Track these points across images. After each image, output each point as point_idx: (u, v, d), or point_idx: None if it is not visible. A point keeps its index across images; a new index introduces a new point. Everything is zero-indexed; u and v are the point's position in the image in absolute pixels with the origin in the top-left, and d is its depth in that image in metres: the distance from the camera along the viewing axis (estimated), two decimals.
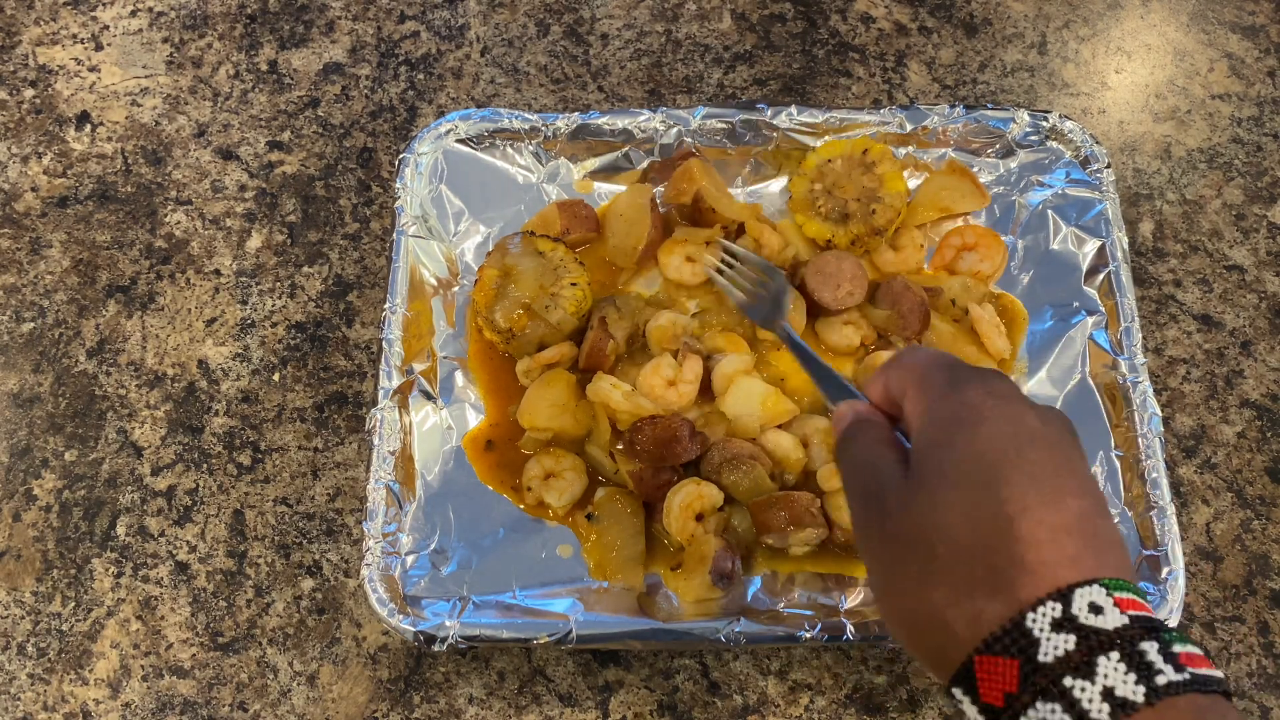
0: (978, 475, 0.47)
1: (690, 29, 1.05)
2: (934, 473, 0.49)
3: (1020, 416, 0.49)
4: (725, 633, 0.73)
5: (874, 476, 0.52)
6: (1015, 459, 0.47)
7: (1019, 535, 0.45)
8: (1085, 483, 0.48)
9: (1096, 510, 0.47)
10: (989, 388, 0.51)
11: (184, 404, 0.88)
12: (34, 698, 0.78)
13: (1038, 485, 0.46)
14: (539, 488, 0.80)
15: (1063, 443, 0.49)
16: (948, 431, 0.50)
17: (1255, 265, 0.93)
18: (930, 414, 0.52)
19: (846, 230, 0.87)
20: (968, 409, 0.50)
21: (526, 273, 0.83)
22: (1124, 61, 1.03)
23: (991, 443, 0.48)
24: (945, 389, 0.52)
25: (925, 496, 0.48)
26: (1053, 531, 0.45)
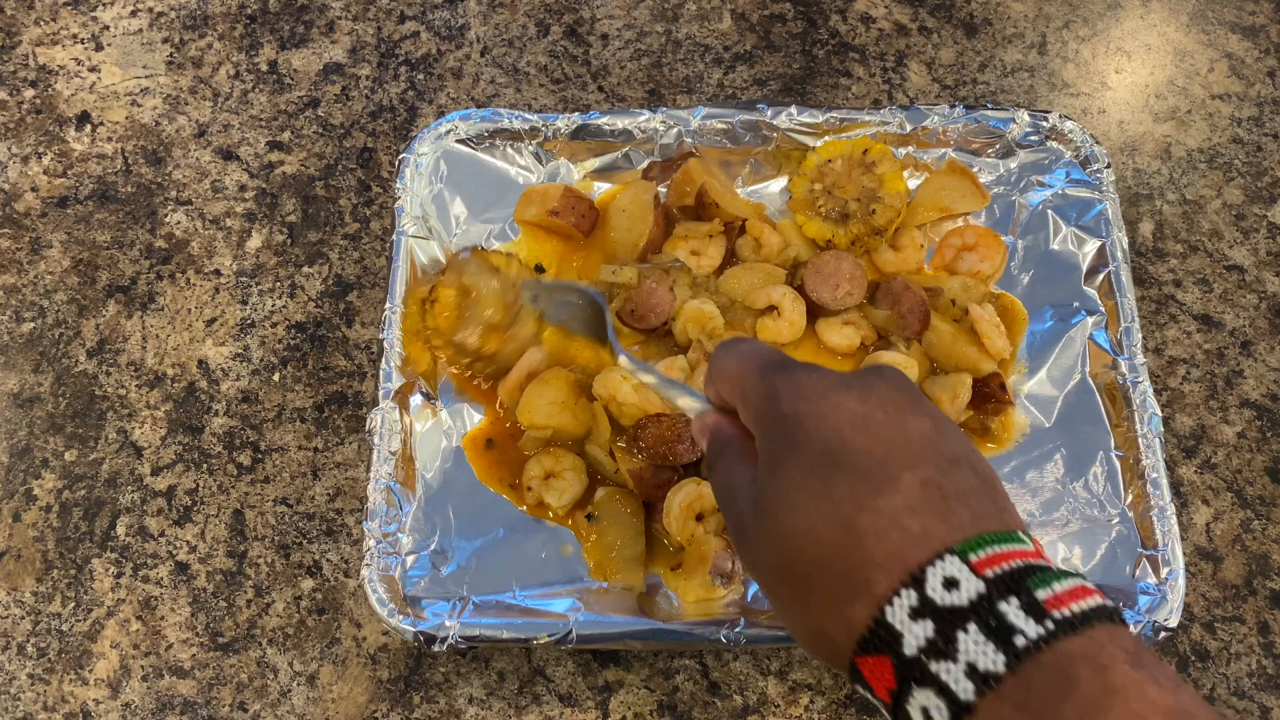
0: (808, 488, 0.46)
1: (690, 29, 1.05)
2: (773, 498, 0.48)
3: (836, 407, 0.48)
4: (725, 633, 0.73)
5: (734, 503, 0.52)
6: (840, 456, 0.46)
7: (861, 533, 0.44)
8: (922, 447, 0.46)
9: (942, 470, 0.45)
10: (799, 388, 0.50)
11: (184, 404, 0.88)
12: (34, 698, 0.78)
13: (866, 476, 0.45)
14: (539, 488, 0.80)
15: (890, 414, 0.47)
16: (775, 452, 0.49)
17: (1255, 265, 0.93)
18: (759, 432, 0.51)
19: (846, 230, 0.87)
20: (786, 422, 0.49)
21: (487, 292, 0.82)
22: (1124, 61, 1.03)
23: (813, 449, 0.47)
24: (763, 403, 0.51)
25: (772, 525, 0.48)
26: (892, 517, 0.44)
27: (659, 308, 0.85)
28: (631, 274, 0.85)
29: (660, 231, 0.89)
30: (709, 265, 0.88)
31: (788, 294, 0.85)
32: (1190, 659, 0.79)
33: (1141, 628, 0.73)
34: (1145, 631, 0.73)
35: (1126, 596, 0.75)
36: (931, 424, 0.48)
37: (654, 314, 0.86)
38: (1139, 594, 0.75)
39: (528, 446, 0.82)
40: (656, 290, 0.85)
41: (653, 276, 0.86)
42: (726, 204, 0.89)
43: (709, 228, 0.88)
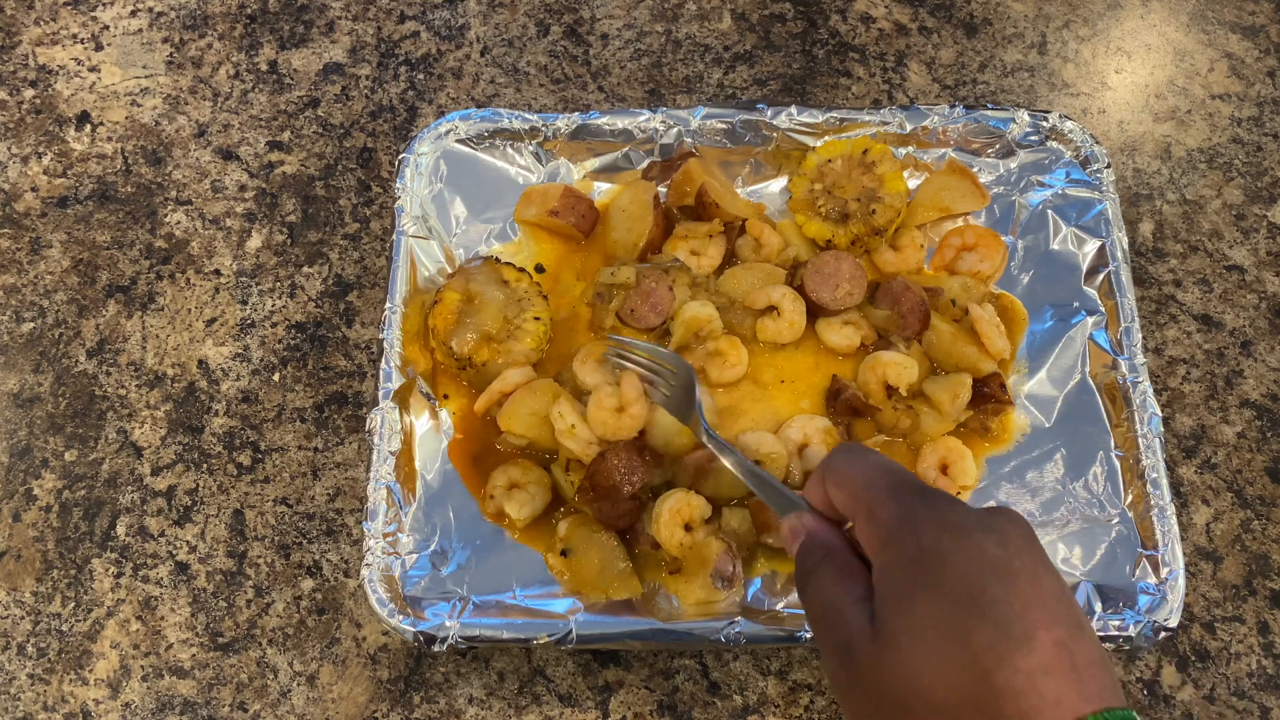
0: (945, 630, 0.46)
1: (690, 29, 1.05)
2: (902, 630, 0.47)
3: (979, 549, 0.47)
4: (725, 633, 0.73)
5: (840, 624, 0.50)
6: (982, 602, 0.46)
7: (997, 689, 0.44)
8: (1055, 607, 0.46)
9: (1070, 635, 0.45)
10: (943, 521, 0.49)
11: (184, 404, 0.88)
12: (34, 698, 0.78)
13: (1006, 629, 0.45)
14: (501, 497, 0.79)
15: (1026, 566, 0.47)
16: (910, 583, 0.48)
17: (1255, 265, 0.93)
18: (888, 555, 0.50)
19: (847, 230, 0.87)
20: (926, 554, 0.48)
21: (490, 302, 0.83)
22: (1124, 61, 1.03)
23: (955, 591, 0.46)
24: (898, 526, 0.50)
25: (895, 656, 0.47)
26: (1029, 677, 0.44)
27: (659, 307, 0.85)
28: (630, 274, 0.85)
29: (660, 231, 0.89)
30: (709, 265, 0.88)
31: (787, 294, 0.85)
32: (1190, 659, 0.79)
33: (1141, 628, 0.73)
34: (1145, 631, 0.73)
35: (1126, 596, 0.75)
36: (1057, 583, 0.48)
37: (654, 313, 0.86)
38: (1139, 594, 0.75)
39: (502, 445, 0.82)
40: (656, 290, 0.85)
41: (652, 276, 0.86)
42: (726, 204, 0.89)
43: (709, 228, 0.88)
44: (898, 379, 0.82)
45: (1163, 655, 0.79)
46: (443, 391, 0.84)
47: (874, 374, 0.82)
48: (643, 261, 0.88)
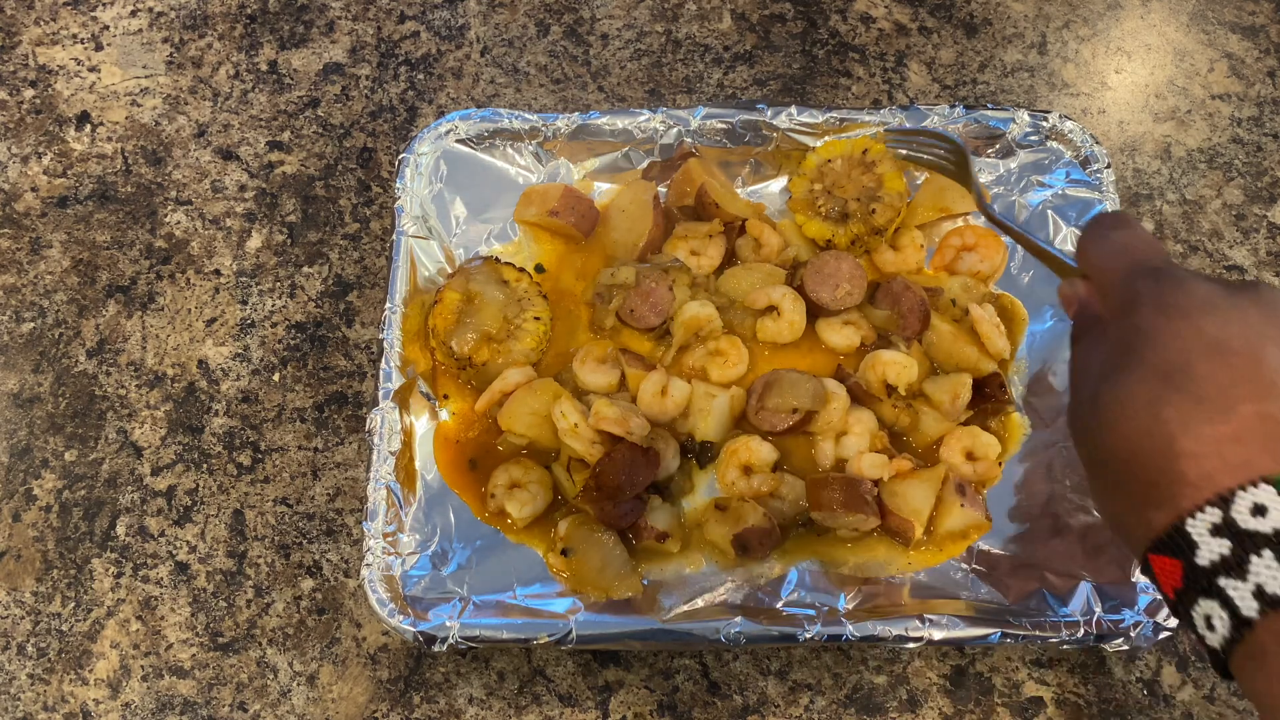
0: (1138, 401, 0.49)
1: (690, 29, 1.05)
2: (1106, 399, 0.51)
3: (1194, 330, 0.50)
4: (725, 633, 0.73)
5: (1082, 385, 0.55)
6: (1180, 380, 0.48)
7: (1179, 451, 0.47)
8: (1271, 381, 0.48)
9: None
10: (1160, 302, 0.52)
11: (184, 404, 0.88)
12: (34, 698, 0.78)
13: (1204, 400, 0.48)
14: (502, 495, 0.79)
15: (1248, 344, 0.49)
16: (1122, 358, 0.52)
17: (1255, 265, 0.93)
18: (1112, 331, 0.54)
19: (846, 230, 0.87)
20: (1138, 334, 0.51)
21: (490, 302, 0.83)
22: (1124, 61, 1.03)
23: (1156, 367, 0.50)
24: (1121, 305, 0.54)
25: (1099, 420, 0.51)
26: (1217, 443, 0.47)
27: (658, 307, 0.85)
28: (629, 274, 0.85)
29: (660, 231, 0.89)
30: (709, 265, 0.88)
31: (788, 294, 0.85)
32: (1190, 659, 0.79)
33: (1141, 628, 0.73)
34: (1145, 631, 0.73)
35: (1126, 596, 0.75)
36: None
37: (654, 313, 0.86)
38: (1139, 594, 0.75)
39: (504, 445, 0.82)
40: (656, 290, 0.85)
41: (651, 276, 0.86)
42: (726, 204, 0.89)
43: (709, 228, 0.88)
44: (897, 378, 0.82)
45: (1163, 655, 0.79)
46: (443, 391, 0.84)
47: (874, 372, 0.82)
48: (643, 261, 0.88)
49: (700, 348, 0.84)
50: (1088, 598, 0.75)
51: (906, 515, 0.78)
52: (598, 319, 0.86)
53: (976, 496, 0.80)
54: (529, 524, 0.79)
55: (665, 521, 0.78)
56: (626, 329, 0.87)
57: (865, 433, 0.82)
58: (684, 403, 0.82)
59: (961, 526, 0.79)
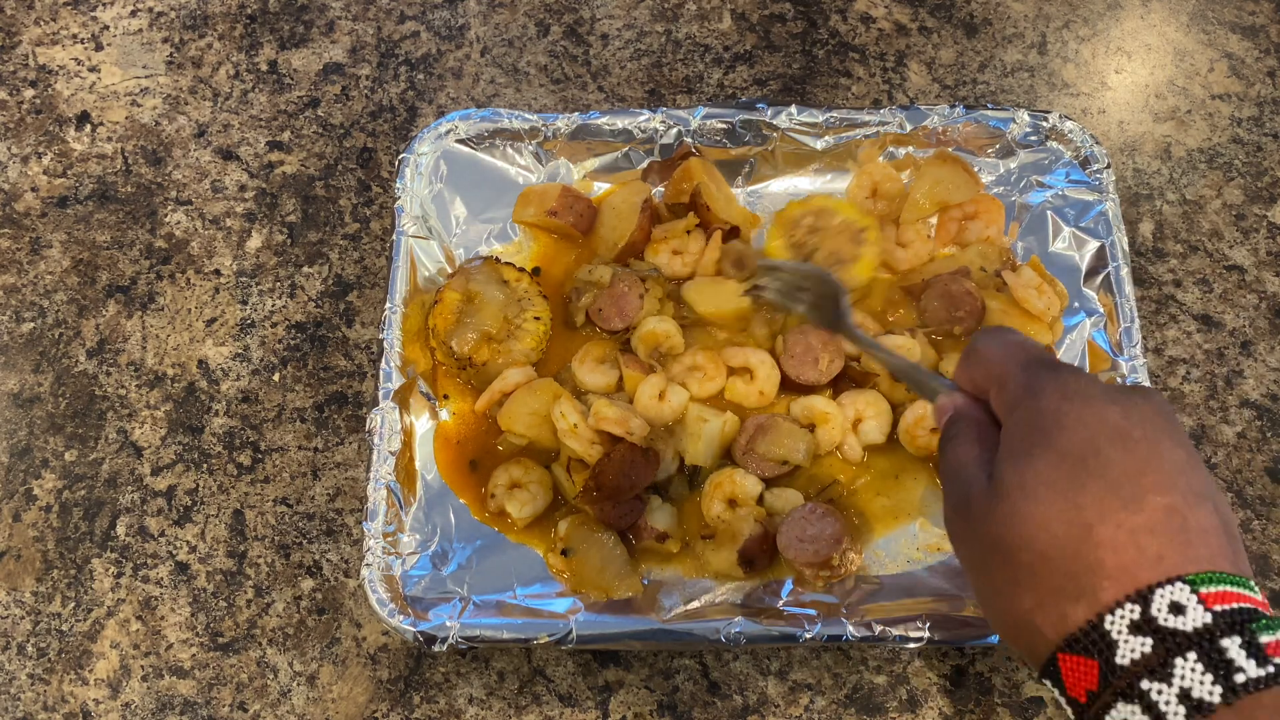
0: (1056, 486, 0.48)
1: (690, 29, 1.05)
2: (1014, 485, 0.49)
3: (1100, 416, 0.49)
4: (725, 633, 0.73)
5: (963, 481, 0.53)
6: (1094, 464, 0.47)
7: (1098, 540, 0.46)
8: (1174, 475, 0.47)
9: (1188, 502, 0.47)
10: (1065, 389, 0.51)
11: (184, 404, 0.88)
12: (34, 698, 0.78)
13: (1117, 488, 0.47)
14: (502, 495, 0.79)
15: (1148, 436, 0.49)
16: (1026, 442, 0.50)
17: (1255, 265, 0.93)
18: (1012, 421, 0.53)
19: None
20: (1044, 416, 0.50)
21: (490, 302, 0.83)
22: (1124, 61, 1.03)
23: (1068, 451, 0.48)
24: (1022, 393, 0.53)
25: (1006, 507, 0.49)
26: (1133, 533, 0.46)
27: (625, 312, 0.85)
28: (605, 273, 0.85)
29: (642, 235, 0.88)
30: (691, 263, 0.87)
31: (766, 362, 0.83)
32: None
33: None
34: None
35: None
36: (1186, 456, 0.49)
37: (618, 317, 0.85)
38: None
39: (504, 445, 0.82)
40: (627, 295, 0.85)
41: (625, 280, 0.85)
42: (719, 208, 0.88)
43: (685, 223, 0.87)
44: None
45: None
46: (443, 391, 0.84)
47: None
48: (622, 263, 0.88)
49: (676, 364, 0.84)
50: None
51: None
52: (569, 315, 0.86)
53: None
54: (529, 524, 0.79)
55: (665, 522, 0.78)
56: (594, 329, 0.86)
57: (884, 411, 0.82)
58: (681, 409, 0.81)
59: None
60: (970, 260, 0.86)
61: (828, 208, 0.87)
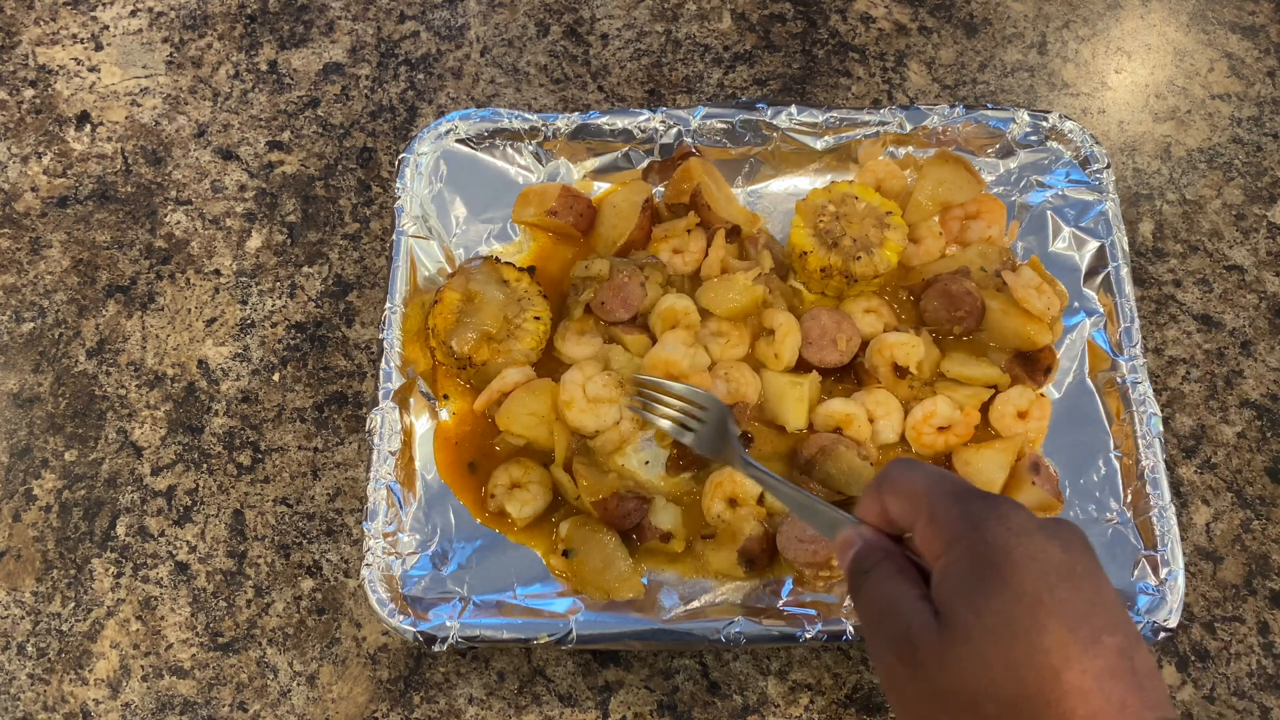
0: (1017, 626, 0.46)
1: (690, 29, 1.05)
2: (973, 625, 0.47)
3: (1044, 551, 0.48)
4: (725, 633, 0.73)
5: (899, 618, 0.50)
6: (1049, 602, 0.46)
7: (1067, 689, 0.45)
8: (1115, 612, 0.47)
9: (1130, 642, 0.46)
10: (1007, 524, 0.49)
11: (184, 404, 0.88)
12: (34, 698, 0.78)
13: (1074, 629, 0.46)
14: (502, 495, 0.79)
15: (1087, 571, 0.48)
16: (977, 578, 0.48)
17: (1255, 265, 0.93)
18: (953, 555, 0.50)
19: (825, 255, 0.85)
20: (993, 551, 0.48)
21: (490, 302, 0.83)
22: (1124, 61, 1.03)
23: (1025, 589, 0.47)
24: (963, 527, 0.50)
25: (966, 650, 0.47)
26: (1097, 679, 0.45)
27: (629, 301, 0.85)
28: (603, 266, 0.85)
29: (642, 234, 0.89)
30: (692, 261, 0.87)
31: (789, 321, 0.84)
32: (1190, 659, 0.79)
33: (1141, 628, 0.73)
34: (1145, 632, 0.73)
35: (1126, 597, 0.75)
36: (1115, 592, 0.48)
37: (624, 307, 0.85)
38: (1138, 594, 0.75)
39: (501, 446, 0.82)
40: (628, 285, 0.85)
41: (625, 271, 0.85)
42: (719, 208, 0.88)
43: (685, 222, 0.87)
44: (906, 358, 0.82)
45: (1163, 655, 0.79)
46: (443, 391, 0.84)
47: (881, 356, 0.83)
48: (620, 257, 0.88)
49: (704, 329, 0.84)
50: None
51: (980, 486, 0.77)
52: (568, 310, 0.86)
53: (1050, 476, 0.80)
54: (529, 524, 0.79)
55: (669, 521, 0.78)
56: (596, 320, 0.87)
57: (895, 409, 0.82)
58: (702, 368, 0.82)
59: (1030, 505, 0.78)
60: (970, 260, 0.86)
61: (851, 193, 0.87)
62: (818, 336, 0.84)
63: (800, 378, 0.82)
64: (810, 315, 0.84)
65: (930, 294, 0.85)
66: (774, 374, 0.83)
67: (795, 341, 0.83)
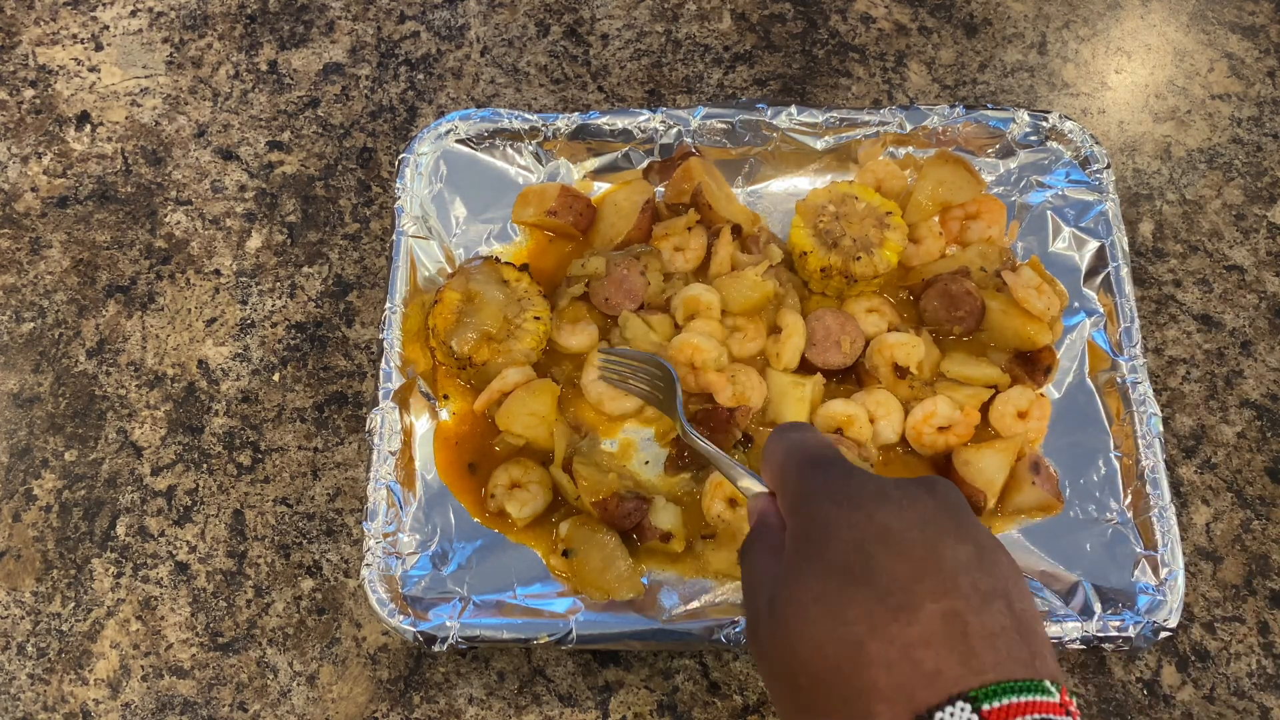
0: (823, 600, 0.45)
1: (690, 29, 1.05)
2: (786, 604, 0.46)
3: (866, 521, 0.46)
4: (725, 633, 0.73)
5: (754, 596, 0.50)
6: (861, 573, 0.44)
7: (870, 659, 0.42)
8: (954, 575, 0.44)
9: (971, 605, 0.43)
10: (833, 492, 0.48)
11: (184, 404, 0.88)
12: (34, 698, 0.78)
13: (887, 598, 0.43)
14: (502, 495, 0.79)
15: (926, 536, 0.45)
16: (799, 555, 0.48)
17: (1255, 265, 0.93)
18: (790, 528, 0.50)
19: (825, 255, 0.85)
20: (815, 525, 0.47)
21: (490, 302, 0.83)
22: (1124, 61, 1.03)
23: (835, 562, 0.45)
24: (796, 499, 0.50)
25: (782, 630, 0.46)
26: (906, 648, 0.42)
27: (633, 291, 0.85)
28: (599, 263, 0.85)
29: (641, 235, 0.89)
30: (694, 259, 0.88)
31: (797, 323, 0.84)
32: (1190, 659, 0.79)
33: (1141, 628, 0.73)
34: (1145, 632, 0.73)
35: (1126, 597, 0.75)
36: (974, 552, 0.45)
37: (629, 299, 0.85)
38: (1138, 594, 0.75)
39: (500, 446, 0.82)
40: (628, 276, 0.85)
41: (623, 264, 0.86)
42: (720, 207, 0.88)
43: (686, 219, 0.87)
44: (906, 358, 0.82)
45: (1163, 655, 0.79)
46: (443, 391, 0.84)
47: (882, 356, 0.83)
48: None
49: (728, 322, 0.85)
50: (1087, 598, 0.75)
51: (980, 485, 0.78)
52: (554, 300, 0.86)
53: (1050, 476, 0.80)
54: (529, 524, 0.79)
55: (669, 521, 0.78)
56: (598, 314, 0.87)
57: (895, 409, 0.82)
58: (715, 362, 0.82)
59: (1030, 505, 0.79)
60: (970, 260, 0.86)
61: (851, 193, 0.87)
62: (821, 338, 0.84)
63: (803, 379, 0.82)
64: (815, 316, 0.85)
65: (930, 294, 0.85)
66: (777, 374, 0.83)
67: (797, 345, 0.83)
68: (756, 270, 0.85)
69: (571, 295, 0.86)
